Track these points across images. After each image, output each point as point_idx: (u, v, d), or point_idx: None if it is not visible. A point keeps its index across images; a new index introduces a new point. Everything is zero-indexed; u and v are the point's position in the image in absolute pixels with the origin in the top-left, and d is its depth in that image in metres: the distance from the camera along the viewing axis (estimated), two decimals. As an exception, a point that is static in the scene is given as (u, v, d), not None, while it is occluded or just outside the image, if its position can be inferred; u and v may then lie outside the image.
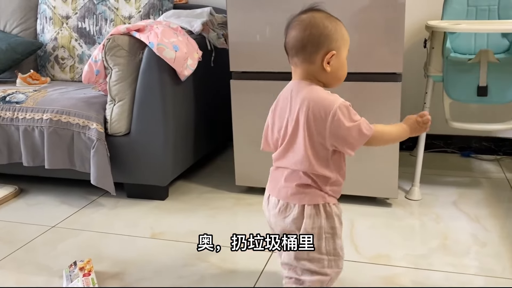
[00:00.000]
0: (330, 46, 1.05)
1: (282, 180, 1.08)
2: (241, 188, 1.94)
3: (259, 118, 1.80)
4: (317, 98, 1.05)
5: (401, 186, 1.96)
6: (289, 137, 1.07)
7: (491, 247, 1.49)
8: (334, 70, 1.07)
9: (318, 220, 1.05)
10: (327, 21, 1.05)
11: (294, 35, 1.06)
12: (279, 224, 1.10)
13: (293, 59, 1.09)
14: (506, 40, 2.01)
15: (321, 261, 1.07)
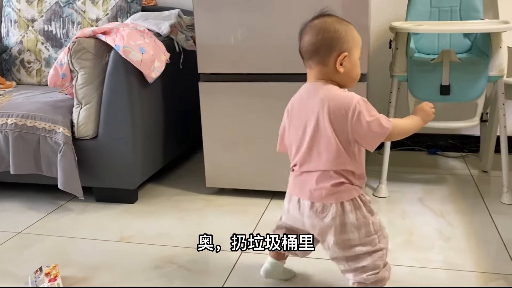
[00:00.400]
0: (342, 48, 1.11)
1: (313, 183, 1.13)
2: (211, 190, 1.95)
3: (228, 119, 1.82)
4: (335, 96, 1.11)
5: (369, 184, 2.00)
6: (311, 138, 1.13)
7: (455, 241, 1.53)
8: (347, 71, 1.13)
9: (360, 211, 1.13)
10: (338, 25, 1.12)
11: (307, 40, 1.13)
12: (317, 224, 1.14)
13: (308, 62, 1.16)
14: (468, 40, 2.06)
15: (373, 240, 1.14)
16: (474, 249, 1.47)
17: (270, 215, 1.75)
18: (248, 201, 1.85)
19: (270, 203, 1.84)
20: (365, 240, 1.13)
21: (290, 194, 1.20)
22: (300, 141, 1.15)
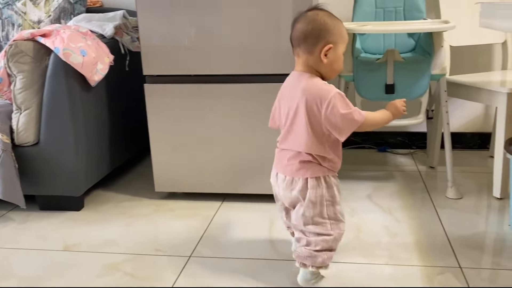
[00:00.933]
0: (328, 40, 1.20)
1: (286, 160, 1.25)
2: (161, 195, 1.91)
3: (176, 122, 1.79)
4: (314, 87, 1.20)
5: (320, 183, 2.02)
6: (290, 122, 1.24)
7: (401, 237, 1.56)
8: (330, 62, 1.21)
9: (319, 190, 1.22)
10: (328, 19, 1.21)
11: (298, 28, 1.22)
12: (287, 196, 1.27)
13: (296, 50, 1.24)
14: (412, 40, 2.11)
15: (325, 224, 1.23)
16: (419, 244, 1.51)
17: (221, 218, 1.73)
18: (199, 205, 1.83)
19: (221, 206, 1.82)
20: (317, 219, 1.23)
21: (274, 168, 1.32)
22: (284, 122, 1.27)
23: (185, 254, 1.49)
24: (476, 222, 1.65)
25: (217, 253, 1.49)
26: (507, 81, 1.93)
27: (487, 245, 1.51)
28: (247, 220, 1.70)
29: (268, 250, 1.50)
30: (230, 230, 1.64)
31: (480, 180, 2.00)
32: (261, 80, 1.71)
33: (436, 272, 1.36)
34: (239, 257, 1.47)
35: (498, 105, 1.78)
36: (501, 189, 1.81)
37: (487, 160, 2.23)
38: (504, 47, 2.15)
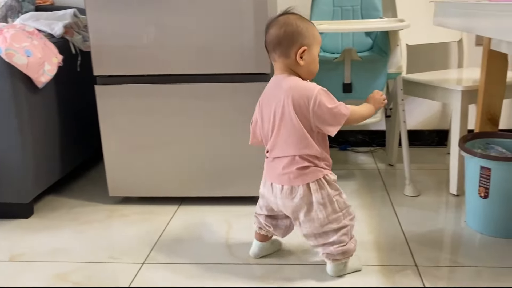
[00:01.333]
0: (302, 42, 1.22)
1: (280, 169, 1.25)
2: (115, 199, 1.85)
3: (130, 124, 1.73)
4: (298, 86, 1.23)
5: (280, 183, 2.00)
6: (278, 126, 1.24)
7: (359, 237, 1.54)
8: (307, 64, 1.25)
9: (324, 190, 1.24)
10: (299, 22, 1.23)
11: (271, 33, 1.24)
12: (288, 205, 1.26)
13: (272, 54, 1.27)
14: (369, 38, 2.12)
15: (339, 218, 1.27)
16: (378, 243, 1.50)
17: (177, 222, 1.68)
18: (155, 209, 1.78)
19: (178, 210, 1.78)
20: (331, 217, 1.25)
21: (265, 179, 1.32)
22: (271, 129, 1.26)
23: (139, 261, 1.44)
24: (433, 220, 1.66)
25: (172, 259, 1.45)
26: (462, 79, 1.96)
27: (443, 242, 1.52)
28: (204, 224, 1.66)
29: (226, 254, 1.47)
30: (186, 234, 1.60)
31: (438, 177, 2.03)
32: (220, 79, 1.68)
33: (393, 271, 1.35)
34: (195, 262, 1.43)
35: (453, 102, 1.80)
36: (457, 186, 1.83)
37: (445, 157, 2.26)
38: (460, 46, 2.18)
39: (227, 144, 1.72)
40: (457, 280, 1.29)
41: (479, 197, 1.51)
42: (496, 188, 1.47)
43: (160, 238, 1.57)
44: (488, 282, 1.28)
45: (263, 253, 1.44)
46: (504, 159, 1.46)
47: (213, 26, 1.63)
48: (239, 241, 1.54)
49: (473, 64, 2.20)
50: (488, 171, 1.46)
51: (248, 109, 1.68)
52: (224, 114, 1.70)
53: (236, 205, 1.78)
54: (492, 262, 1.37)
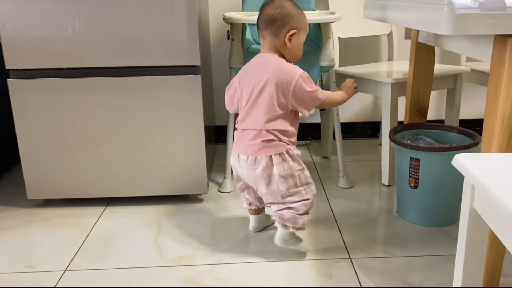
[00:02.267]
0: (293, 26, 1.33)
1: (247, 140, 1.31)
2: (35, 203, 1.72)
3: (49, 121, 1.60)
4: (282, 67, 1.32)
5: (215, 179, 1.94)
6: (254, 99, 1.31)
7: (294, 231, 1.53)
8: (293, 47, 1.35)
9: (286, 164, 1.30)
10: (293, 7, 1.35)
11: (267, 11, 1.33)
12: (251, 175, 1.33)
13: (263, 32, 1.35)
14: (303, 31, 2.11)
15: (300, 192, 1.33)
16: (312, 237, 1.48)
17: (103, 225, 1.58)
18: (79, 212, 1.67)
19: (105, 212, 1.67)
20: (292, 191, 1.31)
21: (233, 152, 1.37)
22: (246, 101, 1.33)
23: (60, 269, 1.33)
24: (366, 211, 1.67)
25: (97, 264, 1.35)
26: (392, 72, 1.99)
27: (376, 233, 1.53)
28: (132, 225, 1.58)
29: (155, 256, 1.39)
30: (113, 237, 1.50)
31: (371, 168, 2.05)
32: (149, 72, 1.59)
33: (327, 265, 1.34)
34: (123, 266, 1.34)
35: (383, 95, 1.82)
36: (389, 177, 1.86)
37: (377, 148, 2.30)
38: (390, 38, 2.22)
39: (157, 140, 1.64)
40: (390, 271, 1.30)
41: (409, 187, 1.53)
42: (425, 178, 1.49)
43: (84, 243, 1.47)
44: (420, 271, 1.29)
45: (261, 226, 1.51)
46: (432, 149, 1.49)
47: (141, 16, 1.54)
48: (170, 242, 1.47)
49: (402, 57, 2.24)
50: (417, 162, 1.49)
51: (178, 103, 1.61)
52: (152, 109, 1.62)
53: (166, 204, 1.71)
54: (423, 251, 1.39)
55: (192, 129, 1.64)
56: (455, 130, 1.62)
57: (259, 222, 1.51)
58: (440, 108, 2.42)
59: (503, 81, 1.04)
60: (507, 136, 1.06)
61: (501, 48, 1.03)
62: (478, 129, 2.44)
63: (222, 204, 1.73)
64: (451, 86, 1.93)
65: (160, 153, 1.65)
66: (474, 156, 0.89)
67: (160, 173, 1.67)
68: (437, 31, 1.01)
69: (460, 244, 0.92)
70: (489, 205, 0.81)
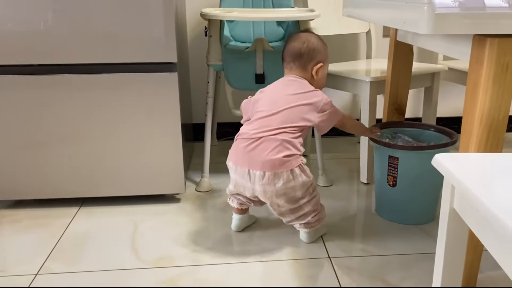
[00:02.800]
0: (319, 59, 1.42)
1: (264, 154, 1.29)
2: (5, 203, 1.66)
3: (18, 118, 1.54)
4: (310, 90, 1.39)
5: (192, 178, 1.91)
6: (282, 115, 1.33)
7: (272, 230, 1.51)
8: (319, 79, 1.44)
9: (304, 174, 1.33)
10: (319, 41, 1.44)
11: (294, 45, 1.42)
12: (269, 190, 1.31)
13: (290, 64, 1.44)
14: (281, 28, 2.09)
15: (308, 189, 1.36)
16: (291, 237, 1.47)
17: (78, 226, 1.54)
18: (52, 212, 1.62)
19: (78, 212, 1.63)
20: (306, 193, 1.34)
21: (236, 166, 1.36)
22: (268, 111, 1.35)
23: (31, 272, 1.29)
24: (345, 209, 1.67)
25: (71, 267, 1.31)
26: (370, 70, 1.99)
27: (355, 232, 1.53)
28: (108, 226, 1.54)
29: (132, 258, 1.36)
30: (87, 239, 1.46)
31: (349, 166, 2.05)
32: (124, 69, 1.55)
33: (306, 264, 1.33)
34: (98, 269, 1.30)
35: (362, 93, 1.82)
36: (367, 175, 1.86)
37: (355, 146, 2.30)
38: (368, 37, 2.22)
39: (132, 138, 1.60)
40: (368, 270, 1.30)
41: (388, 185, 1.54)
42: (403, 176, 1.49)
43: (57, 245, 1.42)
44: (398, 270, 1.29)
45: (244, 225, 1.51)
46: (410, 148, 1.50)
47: (116, 11, 1.49)
48: (146, 243, 1.44)
49: (380, 55, 2.25)
50: (396, 160, 1.49)
51: (154, 100, 1.57)
52: (128, 107, 1.58)
53: (142, 204, 1.68)
54: (401, 250, 1.39)
55: (168, 127, 1.60)
56: (433, 129, 1.63)
57: (243, 221, 1.50)
58: (417, 106, 2.44)
59: (481, 80, 1.04)
60: (485, 135, 1.06)
61: (479, 48, 1.04)
62: (455, 127, 2.48)
63: (200, 203, 1.71)
64: (429, 84, 1.95)
65: (136, 152, 1.61)
66: (454, 156, 0.89)
67: (136, 172, 1.63)
68: (416, 30, 1.00)
69: (440, 244, 0.92)
70: (469, 205, 0.81)
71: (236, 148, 1.36)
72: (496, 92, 1.03)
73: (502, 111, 1.05)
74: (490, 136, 1.06)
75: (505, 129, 1.07)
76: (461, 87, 2.32)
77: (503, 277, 1.25)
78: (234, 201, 1.47)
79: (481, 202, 0.72)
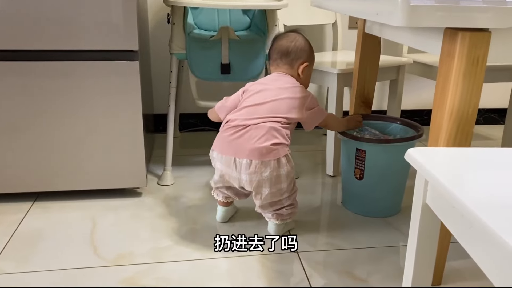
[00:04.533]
0: (306, 59, 1.44)
1: (251, 142, 1.28)
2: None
3: None
4: (297, 86, 1.40)
5: (154, 171, 1.85)
6: (268, 109, 1.33)
7: (239, 226, 1.47)
8: (304, 78, 1.45)
9: (289, 164, 1.33)
10: (306, 42, 1.46)
11: (282, 43, 1.44)
12: (255, 179, 1.29)
13: (276, 61, 1.45)
14: (247, 17, 2.04)
15: (290, 184, 1.36)
16: (258, 231, 1.43)
17: (31, 222, 1.45)
18: (2, 208, 1.51)
19: (32, 207, 1.53)
20: (291, 187, 1.35)
21: (221, 155, 1.32)
22: (257, 100, 1.35)
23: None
24: (311, 202, 1.65)
25: (24, 267, 1.23)
26: (337, 62, 1.97)
27: (322, 225, 1.51)
28: (64, 222, 1.45)
29: (91, 256, 1.29)
30: (42, 236, 1.38)
31: (314, 159, 2.04)
32: (80, 57, 1.46)
33: (274, 259, 1.30)
34: (54, 268, 1.23)
35: (329, 85, 1.80)
36: (333, 167, 1.85)
37: (320, 138, 2.30)
38: (335, 28, 2.20)
39: (90, 130, 1.52)
40: (336, 264, 1.28)
41: (355, 178, 1.53)
42: (370, 169, 1.49)
43: (9, 243, 1.33)
44: (366, 264, 1.29)
45: (229, 217, 1.50)
46: (378, 141, 1.49)
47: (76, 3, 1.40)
48: (106, 240, 1.37)
49: (346, 47, 2.24)
50: (363, 153, 1.48)
51: (114, 90, 1.49)
52: (85, 96, 1.49)
53: (101, 198, 1.60)
54: (368, 243, 1.39)
55: (129, 117, 1.53)
56: (399, 122, 1.63)
57: (228, 213, 1.49)
58: (381, 99, 2.46)
59: (452, 74, 1.03)
60: (455, 129, 1.06)
61: (451, 41, 1.03)
62: (417, 119, 2.51)
63: (162, 198, 1.64)
64: (394, 77, 1.95)
65: (94, 144, 1.53)
66: (427, 150, 0.88)
67: (94, 165, 1.55)
68: (390, 23, 0.98)
69: (411, 239, 0.91)
70: (442, 200, 0.80)
71: (222, 136, 1.34)
72: (467, 86, 1.03)
73: (472, 105, 1.05)
74: (459, 130, 1.06)
75: (474, 123, 1.07)
76: (424, 80, 2.35)
77: (469, 268, 1.26)
78: (219, 194, 1.44)
79: (455, 196, 0.70)
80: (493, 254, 0.63)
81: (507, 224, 0.61)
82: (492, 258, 0.64)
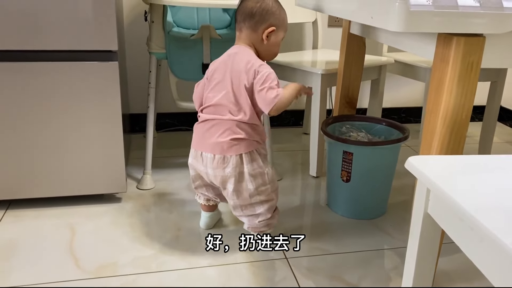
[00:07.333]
0: (272, 22, 1.28)
1: (214, 137, 1.23)
2: None
3: None
4: (254, 60, 1.25)
5: (133, 175, 1.78)
6: (227, 93, 1.24)
7: (224, 229, 1.44)
8: (269, 44, 1.30)
9: (256, 162, 1.26)
10: (275, 4, 1.30)
11: (246, 4, 1.28)
12: (219, 174, 1.25)
13: (240, 24, 1.30)
14: (227, 15, 1.99)
15: (267, 190, 1.29)
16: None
17: (4, 232, 1.37)
18: (-28, 217, 1.43)
19: (5, 216, 1.45)
20: (261, 189, 1.27)
21: (194, 148, 1.29)
22: (216, 92, 1.26)
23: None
24: (296, 204, 1.62)
25: (-2, 282, 1.15)
26: (320, 62, 1.95)
27: (310, 229, 1.48)
28: (40, 232, 1.38)
29: (71, 268, 1.22)
30: (16, 247, 1.30)
31: (296, 159, 2.02)
32: (56, 57, 1.38)
33: (263, 267, 1.27)
34: (31, 283, 1.16)
35: (313, 85, 1.77)
36: (317, 168, 1.83)
37: (301, 137, 2.28)
38: (315, 26, 2.18)
39: (66, 133, 1.44)
40: (326, 269, 1.26)
41: (341, 180, 1.51)
42: (357, 171, 1.47)
43: (-19, 256, 1.25)
44: (355, 268, 1.27)
45: (213, 223, 1.45)
46: (365, 143, 1.47)
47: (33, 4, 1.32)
48: (86, 249, 1.30)
49: (326, 45, 2.23)
50: (350, 156, 1.46)
51: (92, 91, 1.42)
52: (62, 98, 1.41)
53: (78, 205, 1.53)
54: (356, 247, 1.37)
55: (108, 120, 1.46)
56: (384, 123, 1.62)
57: (212, 219, 1.44)
58: (361, 97, 2.45)
59: (446, 79, 1.02)
60: (448, 135, 1.05)
61: (445, 46, 1.01)
62: (395, 117, 2.53)
63: (143, 203, 1.58)
64: (376, 77, 1.95)
65: (70, 148, 1.46)
66: (428, 158, 0.86)
67: (70, 169, 1.47)
68: (386, 27, 0.96)
69: (411, 248, 0.89)
70: (445, 208, 0.78)
71: (196, 131, 1.31)
72: (461, 91, 1.02)
73: (465, 110, 1.04)
74: (453, 135, 1.05)
75: (467, 127, 1.06)
76: (401, 78, 2.36)
77: (458, 272, 1.27)
78: (201, 197, 1.41)
79: (458, 205, 0.70)
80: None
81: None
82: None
